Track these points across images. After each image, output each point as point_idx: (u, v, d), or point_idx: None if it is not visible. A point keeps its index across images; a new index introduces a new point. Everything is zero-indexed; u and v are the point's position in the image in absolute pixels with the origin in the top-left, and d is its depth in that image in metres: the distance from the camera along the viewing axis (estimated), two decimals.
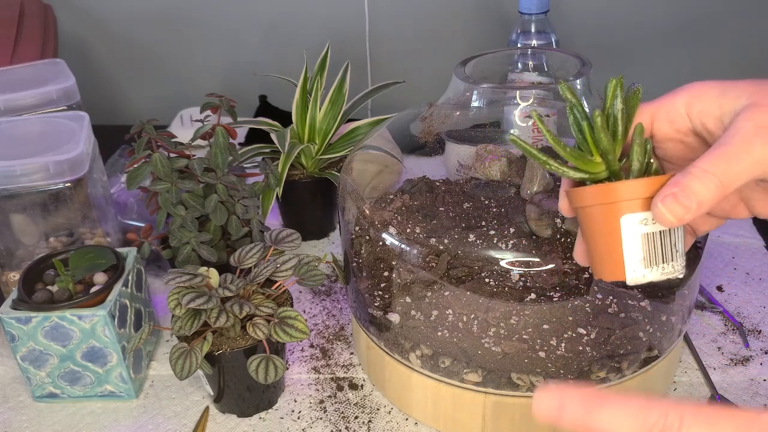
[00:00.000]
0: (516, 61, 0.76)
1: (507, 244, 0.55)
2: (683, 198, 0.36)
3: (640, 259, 0.39)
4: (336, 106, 0.88)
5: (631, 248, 0.39)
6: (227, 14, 1.21)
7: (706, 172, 0.36)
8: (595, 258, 0.41)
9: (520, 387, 0.56)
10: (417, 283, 0.58)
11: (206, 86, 1.21)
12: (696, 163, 0.36)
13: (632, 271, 0.39)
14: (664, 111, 0.41)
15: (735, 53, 1.15)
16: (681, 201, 0.36)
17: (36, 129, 0.74)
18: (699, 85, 0.40)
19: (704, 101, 0.39)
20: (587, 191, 0.40)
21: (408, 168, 0.68)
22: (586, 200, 0.40)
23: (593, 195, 0.40)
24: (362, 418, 0.63)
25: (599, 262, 0.41)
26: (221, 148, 0.72)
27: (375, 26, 1.19)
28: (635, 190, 0.38)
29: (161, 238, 0.77)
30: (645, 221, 0.38)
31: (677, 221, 0.37)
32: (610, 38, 1.17)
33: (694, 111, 0.40)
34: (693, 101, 0.40)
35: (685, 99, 0.40)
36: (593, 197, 0.40)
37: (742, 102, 0.37)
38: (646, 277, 0.39)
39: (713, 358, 0.68)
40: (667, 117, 0.41)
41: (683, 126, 0.41)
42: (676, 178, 0.37)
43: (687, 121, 0.40)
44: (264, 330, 0.58)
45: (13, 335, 0.62)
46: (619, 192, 0.38)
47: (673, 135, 0.41)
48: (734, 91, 0.38)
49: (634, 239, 0.39)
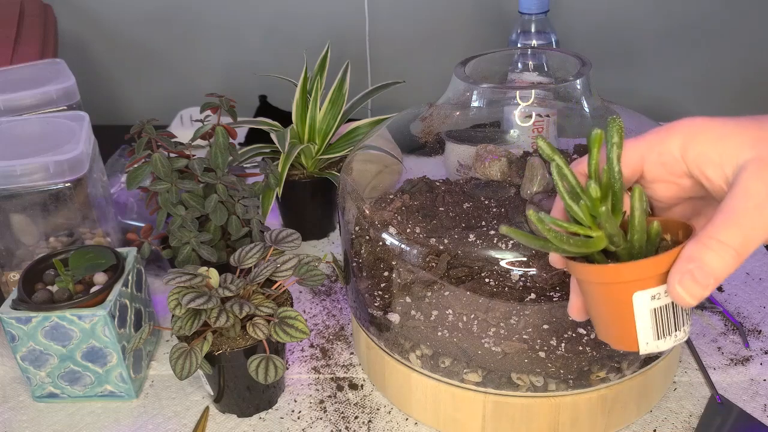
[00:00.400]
0: (516, 61, 0.76)
1: (507, 244, 0.55)
2: (701, 277, 0.34)
3: (653, 333, 0.38)
4: (336, 106, 0.88)
5: (643, 323, 0.38)
6: (227, 14, 1.21)
7: (722, 244, 0.33)
8: (602, 326, 0.41)
9: (520, 387, 0.56)
10: (417, 283, 0.58)
11: (206, 86, 1.21)
12: (710, 233, 0.34)
13: (645, 344, 0.39)
14: (656, 153, 0.38)
15: (735, 53, 1.15)
16: (699, 280, 0.34)
17: (36, 129, 0.74)
18: (693, 124, 0.37)
19: (701, 144, 0.36)
20: (594, 270, 0.38)
21: (408, 168, 0.68)
22: (592, 277, 0.39)
23: (601, 274, 0.38)
24: (362, 418, 0.63)
25: (606, 331, 0.40)
26: (221, 148, 0.72)
27: (375, 26, 1.19)
28: (648, 270, 0.37)
29: (161, 238, 0.77)
30: (657, 296, 0.37)
31: (695, 301, 0.35)
32: (610, 38, 1.17)
33: (690, 155, 0.37)
34: (688, 144, 0.37)
35: (680, 141, 0.37)
36: (601, 276, 0.38)
37: (745, 153, 0.35)
38: (659, 347, 0.39)
39: (713, 358, 0.68)
40: (660, 159, 0.38)
41: (677, 170, 0.38)
42: (689, 252, 0.34)
43: (682, 165, 0.38)
44: (264, 330, 0.58)
45: (13, 335, 0.62)
46: (631, 272, 0.37)
47: (666, 177, 0.39)
48: (734, 137, 0.35)
49: (646, 315, 0.38)
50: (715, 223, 0.34)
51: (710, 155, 0.36)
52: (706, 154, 0.36)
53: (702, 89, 1.18)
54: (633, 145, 0.39)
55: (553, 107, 0.68)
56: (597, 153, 0.39)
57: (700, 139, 0.36)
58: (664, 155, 0.38)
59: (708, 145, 0.36)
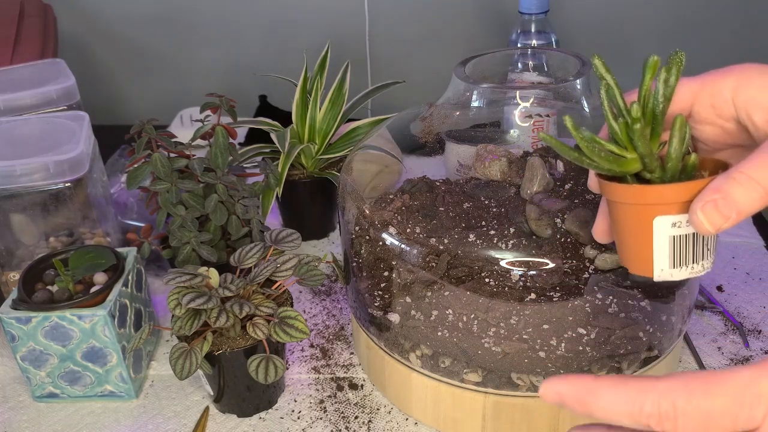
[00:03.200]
0: (516, 61, 0.76)
1: (507, 244, 0.55)
2: (724, 207, 0.34)
3: (669, 260, 0.39)
4: (336, 106, 0.88)
5: (661, 249, 0.39)
6: (227, 14, 1.21)
7: (751, 179, 0.33)
8: (624, 248, 0.41)
9: (520, 387, 0.56)
10: (417, 283, 0.58)
11: (206, 86, 1.21)
12: (741, 168, 0.34)
13: (660, 270, 0.39)
14: (707, 93, 0.38)
15: (737, 53, 1.15)
16: (721, 210, 0.34)
17: (36, 129, 0.74)
18: (750, 68, 0.37)
19: (753, 88, 0.37)
20: (621, 189, 0.39)
21: (408, 168, 0.68)
22: (619, 196, 0.40)
23: (627, 194, 0.39)
24: (362, 418, 0.63)
25: (627, 253, 0.41)
26: (221, 148, 0.72)
27: (375, 26, 1.19)
28: (671, 195, 0.37)
29: (161, 238, 0.77)
30: (678, 224, 0.38)
31: (714, 230, 0.35)
32: (610, 38, 1.17)
33: (740, 99, 0.37)
34: (740, 87, 0.37)
35: (732, 83, 0.37)
36: (627, 196, 0.39)
37: None
38: (673, 276, 0.39)
39: (713, 358, 0.68)
40: (711, 100, 0.38)
41: (726, 112, 0.38)
42: (717, 183, 0.34)
43: (731, 108, 0.38)
44: (264, 330, 0.58)
45: (13, 335, 0.62)
46: (655, 195, 0.38)
47: (714, 119, 0.39)
48: None
49: (665, 240, 0.38)
50: (749, 159, 0.34)
51: (759, 100, 0.36)
52: (755, 98, 0.36)
53: None
54: (686, 82, 0.39)
55: (553, 107, 0.68)
56: (649, 79, 0.39)
57: (753, 83, 0.37)
58: (715, 96, 0.38)
59: (758, 90, 0.36)
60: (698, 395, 0.29)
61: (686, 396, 0.30)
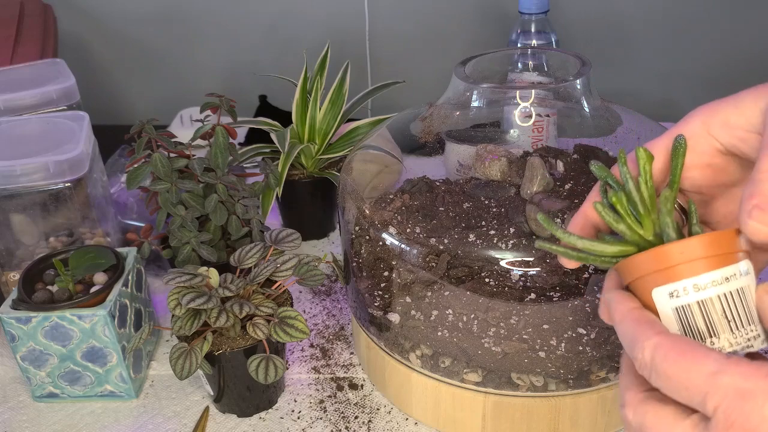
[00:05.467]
0: (516, 61, 0.76)
1: (507, 244, 0.55)
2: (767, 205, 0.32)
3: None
4: (336, 106, 0.88)
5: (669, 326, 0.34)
6: (227, 14, 1.21)
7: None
8: None
9: (520, 387, 0.56)
10: (417, 283, 0.58)
11: (206, 86, 1.21)
12: (760, 168, 0.33)
13: None
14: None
15: (738, 54, 1.15)
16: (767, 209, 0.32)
17: (36, 129, 0.74)
18: (707, 106, 0.37)
19: (720, 115, 0.36)
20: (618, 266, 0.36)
21: (408, 168, 0.68)
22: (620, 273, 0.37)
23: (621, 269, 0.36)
24: (362, 418, 0.63)
25: None
26: (221, 148, 0.72)
27: (375, 26, 1.19)
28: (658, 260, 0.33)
29: (161, 238, 0.77)
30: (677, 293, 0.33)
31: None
32: (610, 38, 1.17)
33: (714, 128, 0.36)
34: (708, 120, 0.37)
35: (699, 120, 0.37)
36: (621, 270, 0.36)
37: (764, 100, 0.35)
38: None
39: None
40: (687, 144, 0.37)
41: (707, 147, 0.37)
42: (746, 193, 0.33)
43: (711, 140, 0.37)
44: (264, 330, 0.58)
45: (13, 335, 0.62)
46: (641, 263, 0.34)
47: (698, 161, 0.38)
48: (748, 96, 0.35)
49: (670, 315, 0.34)
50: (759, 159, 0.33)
51: (732, 120, 0.36)
52: (728, 121, 0.36)
53: (703, 90, 1.18)
54: (654, 144, 0.39)
55: (553, 107, 0.68)
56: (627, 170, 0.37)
57: (718, 113, 0.36)
58: (689, 139, 0.37)
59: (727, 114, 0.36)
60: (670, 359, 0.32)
61: (662, 355, 0.32)
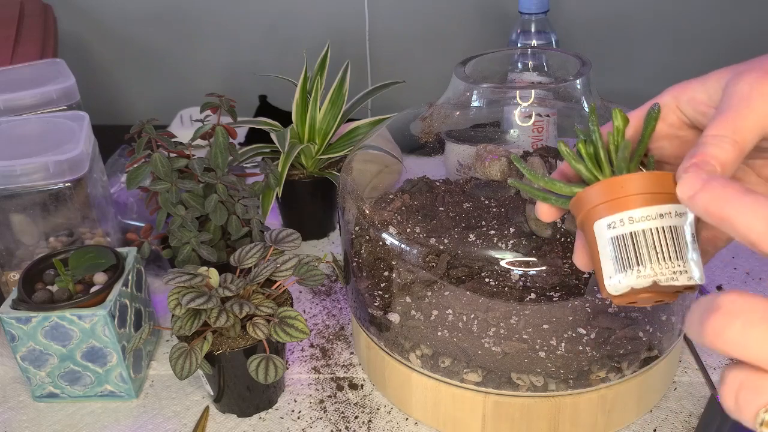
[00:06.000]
0: (516, 61, 0.76)
1: (507, 244, 0.55)
2: (705, 165, 0.34)
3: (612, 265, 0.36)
4: (336, 106, 0.88)
5: (604, 254, 0.37)
6: (227, 14, 1.21)
7: (716, 136, 0.34)
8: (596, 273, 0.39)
9: (520, 387, 0.56)
10: (417, 283, 0.58)
11: (206, 86, 1.21)
12: (703, 134, 0.35)
13: (608, 279, 0.37)
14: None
15: (737, 53, 1.15)
16: (705, 168, 0.34)
17: (36, 129, 0.74)
18: (680, 83, 0.40)
19: (689, 91, 0.39)
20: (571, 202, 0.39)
21: (408, 168, 0.68)
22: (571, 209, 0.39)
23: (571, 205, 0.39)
24: (362, 418, 0.63)
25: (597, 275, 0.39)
26: (221, 148, 0.72)
27: (375, 26, 1.19)
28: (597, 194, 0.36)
29: (161, 238, 0.77)
30: (613, 224, 0.36)
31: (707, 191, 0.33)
32: (610, 38, 1.17)
33: (682, 102, 0.40)
34: (678, 95, 0.40)
35: (671, 95, 0.40)
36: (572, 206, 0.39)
37: (725, 78, 0.37)
38: (621, 282, 0.36)
39: (713, 358, 0.68)
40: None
41: (675, 119, 0.40)
42: (690, 152, 0.35)
43: (678, 112, 0.40)
44: (264, 330, 0.58)
45: (13, 335, 0.62)
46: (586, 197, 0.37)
47: (666, 131, 0.41)
48: (715, 75, 0.38)
49: (606, 244, 0.36)
50: (707, 127, 0.35)
51: (699, 97, 0.39)
52: (696, 97, 0.39)
53: None
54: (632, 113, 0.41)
55: (553, 107, 0.68)
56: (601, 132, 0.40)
57: (687, 90, 0.39)
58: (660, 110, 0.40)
59: (695, 91, 0.39)
60: None
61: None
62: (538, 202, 0.42)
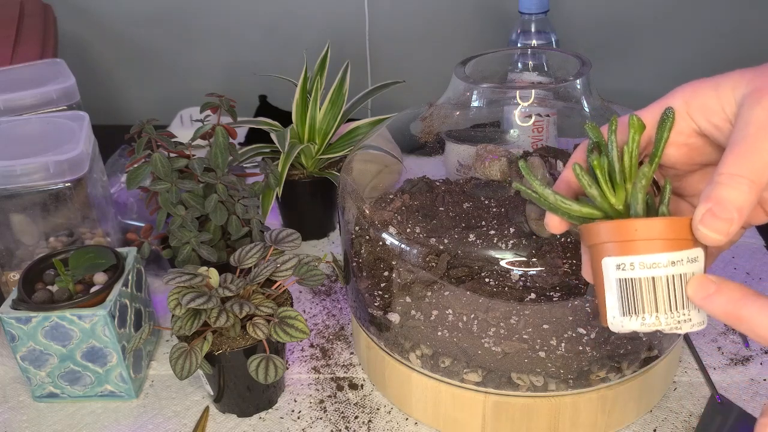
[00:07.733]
0: (516, 61, 0.76)
1: (507, 244, 0.55)
2: (721, 211, 0.33)
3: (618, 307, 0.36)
4: (336, 106, 0.88)
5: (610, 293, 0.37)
6: (227, 14, 1.21)
7: (734, 176, 0.33)
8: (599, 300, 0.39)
9: (520, 387, 0.56)
10: (417, 283, 0.58)
11: (206, 86, 1.21)
12: (720, 170, 0.34)
13: (612, 317, 0.37)
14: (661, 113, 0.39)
15: (738, 54, 1.15)
16: (720, 215, 0.33)
17: (36, 129, 0.74)
18: (690, 85, 0.38)
19: (701, 97, 0.37)
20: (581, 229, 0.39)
21: (408, 168, 0.68)
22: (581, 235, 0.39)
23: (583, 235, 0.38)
24: (362, 418, 0.63)
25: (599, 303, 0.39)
26: (221, 148, 0.72)
27: (375, 26, 1.19)
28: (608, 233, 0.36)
29: (161, 238, 0.77)
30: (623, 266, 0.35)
31: (725, 237, 0.34)
32: (610, 38, 1.17)
33: (693, 109, 0.38)
34: (689, 100, 0.38)
35: (681, 99, 0.38)
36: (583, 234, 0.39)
37: (741, 90, 0.35)
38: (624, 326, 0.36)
39: (713, 358, 0.68)
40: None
41: (685, 128, 0.38)
42: (704, 194, 0.34)
43: (688, 119, 0.38)
44: (264, 330, 0.58)
45: (13, 335, 0.62)
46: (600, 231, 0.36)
47: (675, 139, 0.39)
48: (729, 82, 0.36)
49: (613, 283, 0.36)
50: (723, 160, 0.34)
51: (711, 104, 0.37)
52: (707, 104, 0.37)
53: None
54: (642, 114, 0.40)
55: (553, 107, 0.68)
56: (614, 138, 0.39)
57: (698, 94, 0.37)
58: None
59: (706, 97, 0.37)
60: None
61: None
62: (548, 214, 0.41)
